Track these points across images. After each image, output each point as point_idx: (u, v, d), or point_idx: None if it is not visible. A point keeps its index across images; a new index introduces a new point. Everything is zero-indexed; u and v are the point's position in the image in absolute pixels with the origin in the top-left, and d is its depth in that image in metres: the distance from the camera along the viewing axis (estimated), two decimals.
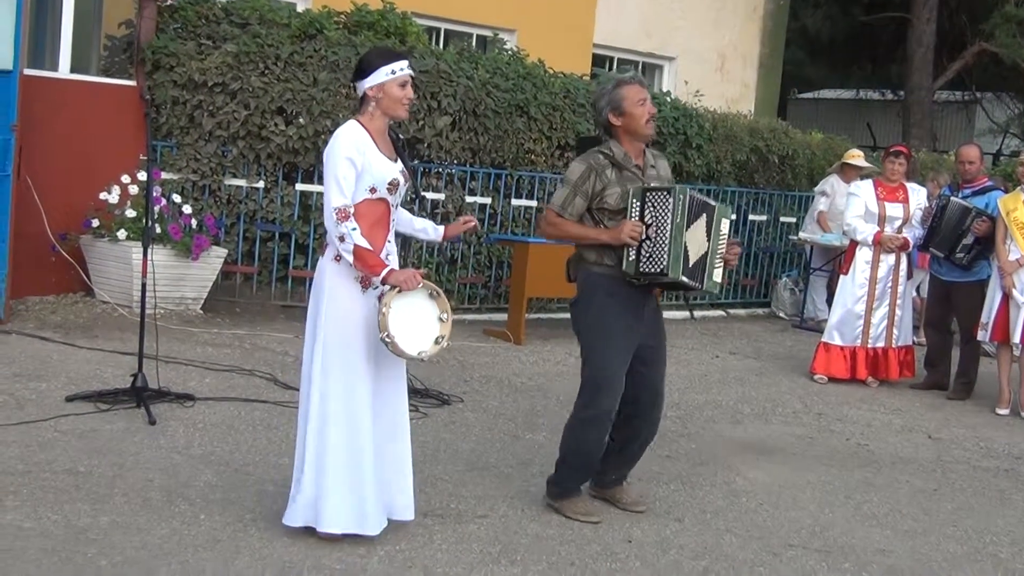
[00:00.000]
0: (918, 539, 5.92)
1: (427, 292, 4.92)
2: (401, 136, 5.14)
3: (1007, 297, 9.01)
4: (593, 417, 5.59)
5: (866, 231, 9.63)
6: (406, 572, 4.78)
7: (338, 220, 4.76)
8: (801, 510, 6.21)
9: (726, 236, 5.63)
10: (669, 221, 5.36)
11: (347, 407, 4.85)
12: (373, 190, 4.85)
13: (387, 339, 4.73)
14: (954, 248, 9.53)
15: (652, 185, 5.50)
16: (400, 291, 4.77)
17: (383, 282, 4.78)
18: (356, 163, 4.79)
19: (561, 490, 5.76)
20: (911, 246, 9.78)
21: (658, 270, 5.39)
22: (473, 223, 5.38)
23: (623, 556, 5.23)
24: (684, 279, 5.46)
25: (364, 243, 4.77)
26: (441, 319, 4.95)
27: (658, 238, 5.37)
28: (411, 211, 5.40)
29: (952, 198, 9.64)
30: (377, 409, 4.95)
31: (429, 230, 5.38)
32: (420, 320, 4.89)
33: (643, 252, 5.41)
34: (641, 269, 5.42)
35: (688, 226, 5.42)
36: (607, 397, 5.56)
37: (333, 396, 4.86)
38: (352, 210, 4.79)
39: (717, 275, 5.64)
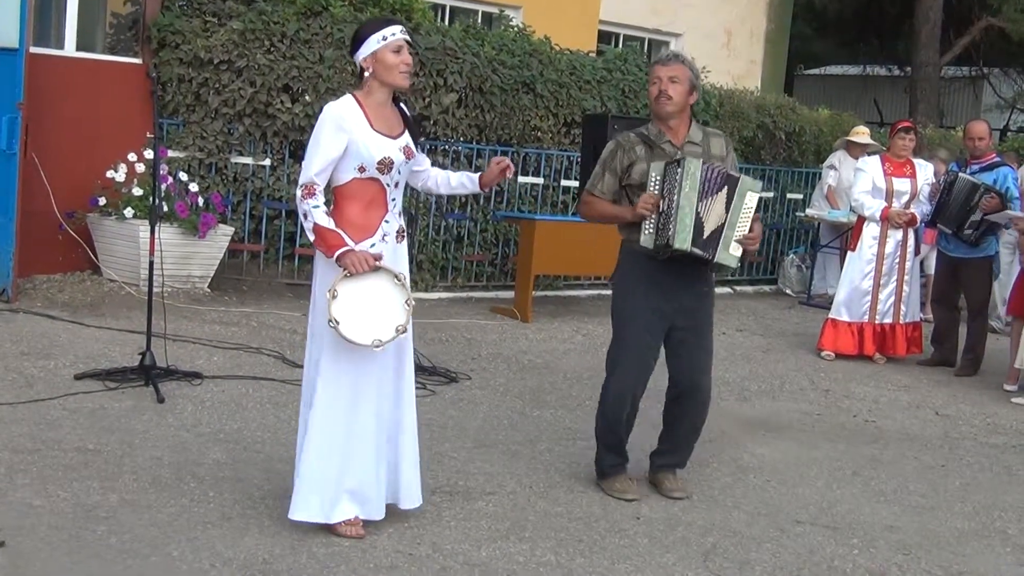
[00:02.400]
0: (926, 515, 5.92)
1: (390, 276, 4.72)
2: (405, 106, 4.97)
3: None
4: (609, 394, 5.66)
5: (873, 206, 9.61)
6: (415, 549, 4.79)
7: (303, 197, 4.63)
8: (809, 486, 6.22)
9: (751, 210, 5.47)
10: (677, 192, 5.35)
11: (334, 395, 4.72)
12: (362, 169, 4.68)
13: (332, 325, 4.56)
14: (962, 224, 9.50)
15: (670, 160, 5.46)
16: (349, 275, 4.60)
17: (337, 263, 4.61)
18: (338, 141, 4.62)
19: (599, 469, 5.84)
20: (918, 222, 9.77)
21: (664, 241, 5.39)
22: (507, 165, 5.08)
23: (631, 533, 5.25)
24: (695, 251, 5.39)
25: (325, 222, 4.62)
26: (407, 304, 4.74)
27: (669, 210, 5.36)
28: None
29: (960, 174, 9.60)
30: (376, 397, 4.81)
31: (467, 183, 5.15)
32: (378, 306, 4.66)
33: (660, 225, 5.40)
34: (656, 242, 5.42)
35: (703, 198, 5.37)
36: (625, 375, 5.60)
37: (323, 383, 4.72)
38: (319, 188, 4.64)
39: (735, 249, 5.47)
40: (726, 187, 5.44)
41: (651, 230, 5.43)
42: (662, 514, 5.53)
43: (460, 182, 5.17)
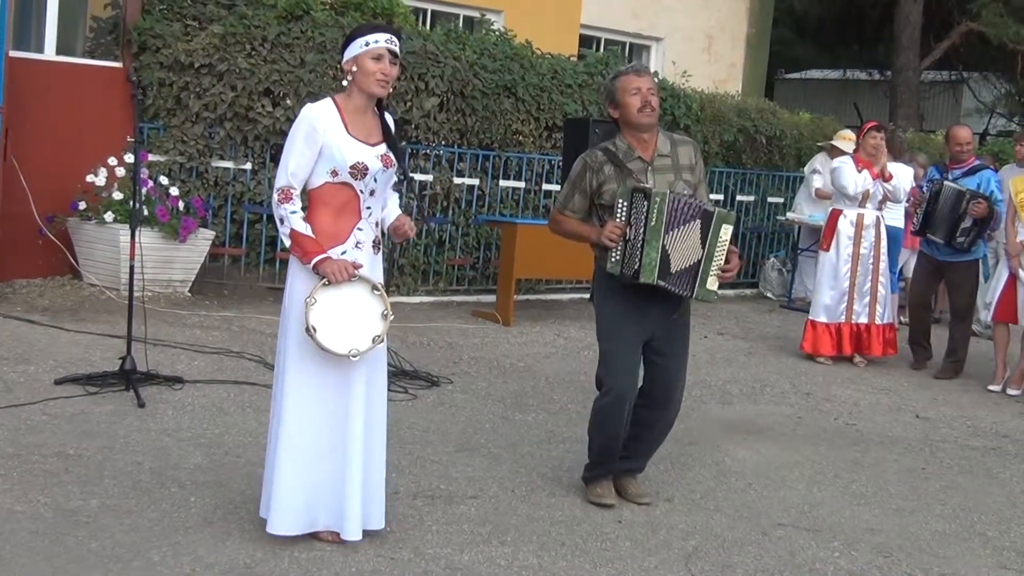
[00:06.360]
0: (906, 518, 5.95)
1: (368, 286, 4.67)
2: (391, 117, 4.89)
3: (1013, 278, 9.04)
4: (603, 401, 5.58)
5: (861, 179, 9.53)
6: (397, 553, 4.78)
7: (279, 201, 4.57)
8: (790, 489, 6.24)
9: (726, 243, 5.39)
10: (643, 224, 5.30)
11: (295, 406, 4.63)
12: (334, 173, 4.58)
13: (309, 333, 4.51)
14: (954, 233, 9.49)
15: (638, 186, 5.38)
16: (328, 283, 4.55)
17: (314, 270, 4.55)
18: (313, 144, 4.55)
19: (587, 476, 5.80)
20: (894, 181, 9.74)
21: (631, 273, 5.35)
22: (405, 234, 4.90)
23: (613, 536, 5.25)
24: (663, 284, 5.34)
25: (303, 228, 4.55)
26: (384, 316, 4.67)
27: (636, 240, 5.31)
28: (400, 193, 5.00)
29: (945, 183, 9.61)
30: (338, 412, 4.68)
31: (388, 219, 4.94)
32: (355, 315, 4.60)
33: (626, 253, 5.35)
34: (623, 271, 5.38)
35: (670, 230, 5.30)
36: (616, 381, 5.51)
37: (290, 395, 4.64)
38: (296, 192, 4.57)
39: (712, 283, 5.41)
40: (700, 221, 5.35)
41: (617, 257, 5.37)
42: (644, 517, 5.54)
43: (386, 215, 4.93)
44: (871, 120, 10.44)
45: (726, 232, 5.39)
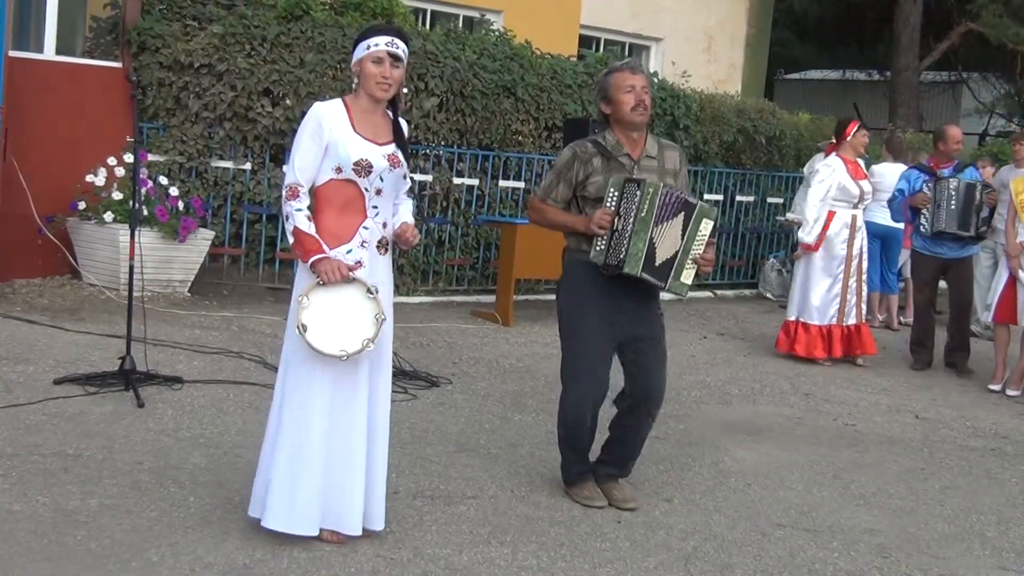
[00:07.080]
0: (906, 518, 5.95)
1: (363, 288, 4.66)
2: (404, 121, 4.91)
3: (1013, 279, 9.05)
4: (568, 405, 5.56)
5: (814, 231, 9.60)
6: (396, 553, 4.78)
7: (286, 198, 4.62)
8: (789, 490, 6.24)
9: (705, 237, 5.40)
10: (634, 214, 5.29)
11: (301, 403, 4.65)
12: (339, 170, 4.62)
13: (299, 331, 4.53)
14: (975, 224, 9.54)
15: (630, 177, 5.36)
16: (323, 283, 4.57)
17: (311, 269, 4.58)
18: (319, 140, 4.61)
19: (565, 477, 5.77)
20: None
21: (615, 263, 5.33)
22: (407, 242, 4.89)
23: (612, 536, 5.25)
24: (645, 276, 5.32)
25: (306, 226, 4.58)
26: (377, 319, 4.66)
27: (624, 230, 5.29)
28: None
29: (960, 179, 9.65)
30: (343, 410, 4.70)
31: (395, 224, 4.94)
32: (348, 317, 4.60)
33: (612, 243, 5.32)
34: (607, 260, 5.35)
35: (658, 222, 5.29)
36: (583, 380, 5.49)
37: (290, 391, 4.67)
38: (303, 189, 4.61)
39: (687, 276, 5.41)
40: (682, 213, 5.34)
41: (602, 246, 5.34)
42: (643, 518, 5.54)
43: (395, 222, 4.92)
44: (854, 120, 10.36)
45: (706, 227, 5.39)
